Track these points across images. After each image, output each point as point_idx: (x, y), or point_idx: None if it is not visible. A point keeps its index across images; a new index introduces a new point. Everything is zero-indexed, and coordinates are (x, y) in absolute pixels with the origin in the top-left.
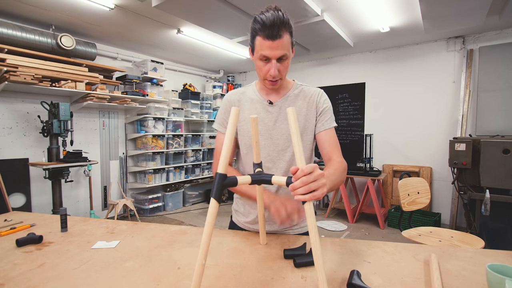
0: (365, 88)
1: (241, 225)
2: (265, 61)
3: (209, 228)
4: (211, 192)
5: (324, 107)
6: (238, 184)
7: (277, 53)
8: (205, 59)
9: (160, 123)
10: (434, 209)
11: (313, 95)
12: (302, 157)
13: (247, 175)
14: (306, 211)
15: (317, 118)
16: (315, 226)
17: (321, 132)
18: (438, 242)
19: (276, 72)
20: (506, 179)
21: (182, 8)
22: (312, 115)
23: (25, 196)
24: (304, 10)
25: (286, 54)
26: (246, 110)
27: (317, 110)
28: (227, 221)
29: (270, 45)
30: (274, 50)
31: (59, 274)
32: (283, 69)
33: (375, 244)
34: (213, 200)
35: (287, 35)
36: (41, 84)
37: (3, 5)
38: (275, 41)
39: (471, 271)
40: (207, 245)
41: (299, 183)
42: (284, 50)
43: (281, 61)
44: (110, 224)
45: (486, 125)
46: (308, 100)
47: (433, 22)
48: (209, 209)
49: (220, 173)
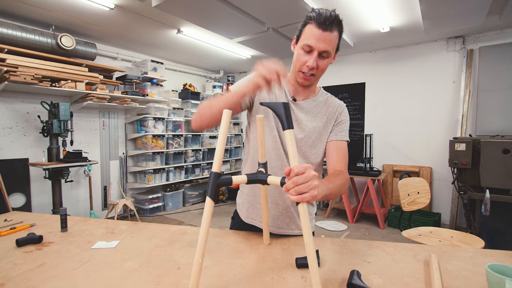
0: (365, 88)
1: (244, 219)
2: (307, 52)
3: (205, 226)
4: (207, 191)
5: (342, 119)
6: (233, 183)
7: (322, 45)
8: (205, 59)
9: (160, 123)
10: (434, 209)
11: (336, 107)
12: (296, 157)
13: (243, 174)
14: (300, 212)
15: (332, 128)
16: (309, 228)
17: (332, 141)
18: (438, 242)
19: (314, 64)
20: (506, 179)
21: (182, 8)
22: (329, 125)
23: (25, 196)
24: (304, 10)
25: (329, 51)
26: (267, 98)
27: (335, 121)
28: (227, 221)
29: (319, 34)
30: (320, 41)
31: (59, 274)
32: (321, 66)
33: (375, 244)
34: (208, 199)
35: (336, 33)
36: (41, 84)
37: (3, 5)
38: (325, 32)
39: (471, 271)
40: (204, 244)
41: (290, 183)
42: (329, 45)
43: (322, 58)
44: (110, 224)
45: (486, 125)
46: (330, 110)
47: (433, 22)
48: (205, 208)
49: (215, 172)
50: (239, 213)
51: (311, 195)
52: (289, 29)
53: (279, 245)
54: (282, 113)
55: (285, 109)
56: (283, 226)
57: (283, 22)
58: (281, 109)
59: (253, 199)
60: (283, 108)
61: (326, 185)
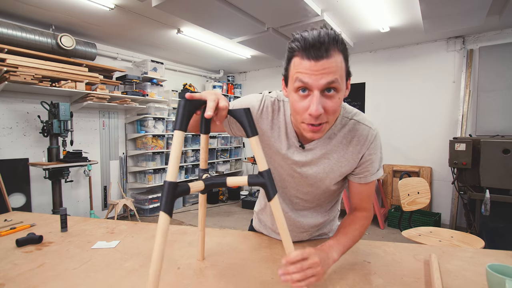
0: (365, 88)
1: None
2: (303, 92)
3: (159, 252)
4: (160, 205)
5: (370, 158)
6: (191, 191)
7: (322, 78)
8: (205, 59)
9: (160, 123)
10: (434, 209)
11: (363, 141)
12: (263, 160)
13: (199, 180)
14: (273, 208)
15: (355, 170)
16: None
17: (355, 183)
18: (438, 242)
19: (319, 109)
20: (506, 179)
21: (182, 8)
22: (350, 165)
23: (25, 196)
24: (304, 10)
25: (336, 81)
26: (265, 135)
27: (360, 160)
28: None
29: (312, 67)
30: (317, 74)
31: (59, 274)
32: (332, 107)
33: (375, 244)
34: (163, 215)
35: (338, 56)
36: (41, 84)
37: (3, 5)
38: (320, 62)
39: (471, 271)
40: (157, 276)
41: (292, 268)
42: (333, 74)
43: (329, 94)
44: (110, 224)
45: (486, 125)
46: (353, 147)
47: (433, 22)
48: (158, 226)
49: (170, 182)
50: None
51: (315, 280)
52: (289, 29)
53: (279, 246)
54: (244, 120)
55: (247, 116)
56: None
57: (283, 22)
58: (243, 117)
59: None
60: (245, 115)
61: (340, 244)
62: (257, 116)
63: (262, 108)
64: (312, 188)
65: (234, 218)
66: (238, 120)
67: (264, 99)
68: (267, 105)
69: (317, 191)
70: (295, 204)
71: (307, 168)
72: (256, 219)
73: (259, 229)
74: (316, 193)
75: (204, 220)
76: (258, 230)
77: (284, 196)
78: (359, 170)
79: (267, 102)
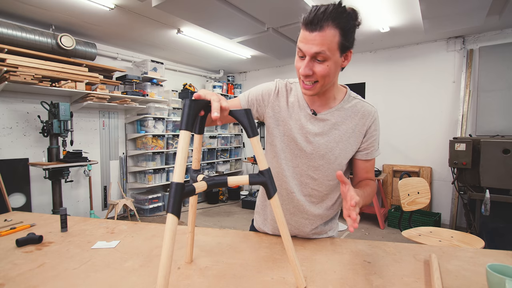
0: (365, 88)
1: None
2: (301, 57)
3: (167, 256)
4: (167, 207)
5: (374, 134)
6: (196, 191)
7: (311, 48)
8: (205, 59)
9: (160, 123)
10: (434, 209)
11: (367, 116)
12: (264, 161)
13: (202, 181)
14: (273, 206)
15: (361, 146)
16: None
17: (361, 160)
18: (438, 242)
19: (308, 70)
20: (506, 179)
21: (182, 8)
22: (356, 138)
23: (25, 196)
24: (304, 10)
25: (323, 52)
26: (283, 112)
27: (364, 136)
28: (227, 221)
29: (307, 36)
30: (309, 44)
31: (59, 274)
32: (321, 71)
33: (375, 244)
34: (171, 217)
35: (331, 29)
36: (41, 84)
37: (3, 5)
38: (313, 33)
39: (471, 271)
40: (166, 280)
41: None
42: (321, 46)
43: (318, 62)
44: (110, 224)
45: (486, 125)
46: (358, 119)
47: (433, 22)
48: (166, 228)
49: (177, 183)
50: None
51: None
52: (289, 29)
53: (279, 245)
54: (245, 121)
55: (247, 117)
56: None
57: (283, 22)
58: (244, 117)
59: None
60: (245, 115)
61: (363, 194)
62: (274, 97)
63: (278, 89)
64: (323, 161)
65: (234, 218)
66: (239, 121)
67: (278, 83)
68: (281, 87)
69: (328, 165)
70: (304, 186)
71: (319, 138)
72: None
73: (261, 228)
74: (326, 169)
75: (194, 222)
76: (260, 229)
77: (295, 176)
78: (364, 146)
79: (281, 84)
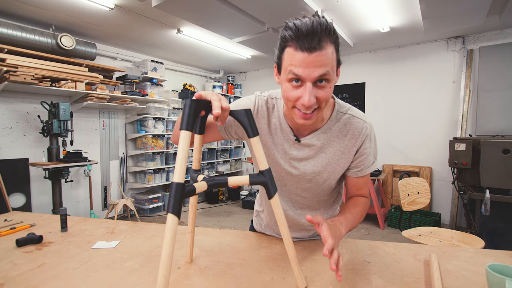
0: (365, 88)
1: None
2: (295, 83)
3: (168, 256)
4: (168, 207)
5: (365, 152)
6: (197, 191)
7: (314, 71)
8: (205, 59)
9: (160, 123)
10: (434, 209)
11: (357, 135)
12: (264, 161)
13: (202, 181)
14: (273, 205)
15: (351, 164)
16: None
17: (351, 177)
18: (438, 242)
19: (312, 100)
20: (506, 179)
21: (182, 8)
22: (346, 159)
23: (25, 196)
24: (304, 10)
25: (328, 73)
26: (264, 135)
27: (355, 154)
28: (227, 221)
29: (305, 59)
30: (310, 66)
31: (59, 274)
32: (324, 95)
33: (375, 244)
34: (171, 217)
35: (330, 47)
36: (41, 84)
37: (3, 5)
38: (313, 54)
39: (471, 271)
40: (167, 280)
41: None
42: (325, 67)
43: (321, 84)
44: (110, 224)
45: (486, 125)
46: (348, 140)
47: (433, 22)
48: (167, 228)
49: (178, 183)
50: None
51: None
52: None
53: (279, 246)
54: (245, 121)
55: (247, 117)
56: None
57: (283, 22)
58: (244, 117)
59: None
60: (245, 116)
61: (348, 222)
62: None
63: (258, 108)
64: (311, 184)
65: (234, 218)
66: (239, 121)
67: (257, 99)
68: (261, 104)
69: (316, 186)
70: (295, 202)
71: (305, 162)
72: (256, 219)
73: (260, 229)
74: (315, 189)
75: (194, 222)
76: (259, 230)
77: (284, 194)
78: (355, 164)
79: (261, 101)
